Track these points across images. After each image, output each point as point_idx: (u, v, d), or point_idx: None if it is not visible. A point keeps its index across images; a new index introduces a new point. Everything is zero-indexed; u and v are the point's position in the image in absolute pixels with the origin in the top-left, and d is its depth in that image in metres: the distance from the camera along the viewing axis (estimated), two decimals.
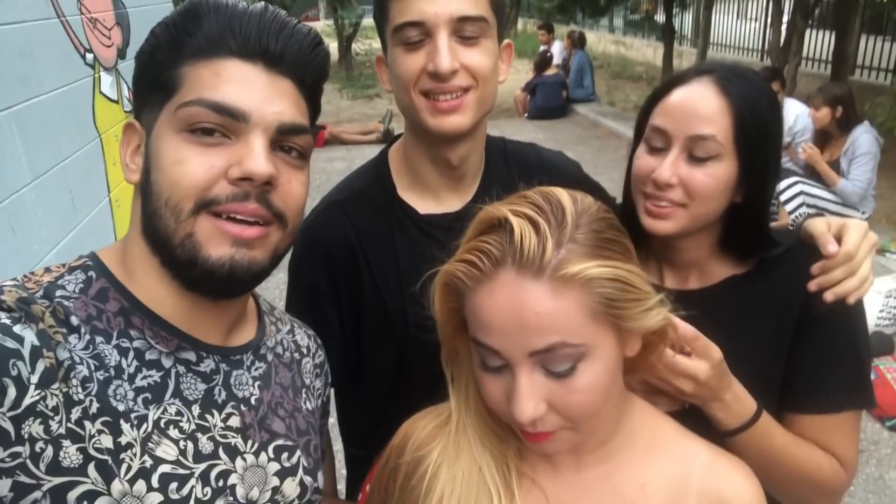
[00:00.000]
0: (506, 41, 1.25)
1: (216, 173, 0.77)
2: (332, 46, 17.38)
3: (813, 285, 1.10)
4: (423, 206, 1.28)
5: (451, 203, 1.28)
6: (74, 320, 0.75)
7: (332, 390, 1.37)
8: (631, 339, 0.84)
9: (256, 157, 0.77)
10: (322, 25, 24.63)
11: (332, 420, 1.43)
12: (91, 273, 0.81)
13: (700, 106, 1.06)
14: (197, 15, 0.80)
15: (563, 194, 0.80)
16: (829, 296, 1.08)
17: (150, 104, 0.81)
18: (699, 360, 1.00)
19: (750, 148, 1.06)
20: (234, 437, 0.85)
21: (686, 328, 0.98)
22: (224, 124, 0.77)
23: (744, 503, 0.88)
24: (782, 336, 1.13)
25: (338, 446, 1.46)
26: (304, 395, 1.00)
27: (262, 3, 0.84)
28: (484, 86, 1.16)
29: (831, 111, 4.66)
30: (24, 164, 2.34)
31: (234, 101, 0.77)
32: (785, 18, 8.82)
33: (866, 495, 2.96)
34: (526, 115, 10.88)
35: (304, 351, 1.05)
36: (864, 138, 4.57)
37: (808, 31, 8.53)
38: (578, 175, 1.42)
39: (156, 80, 0.80)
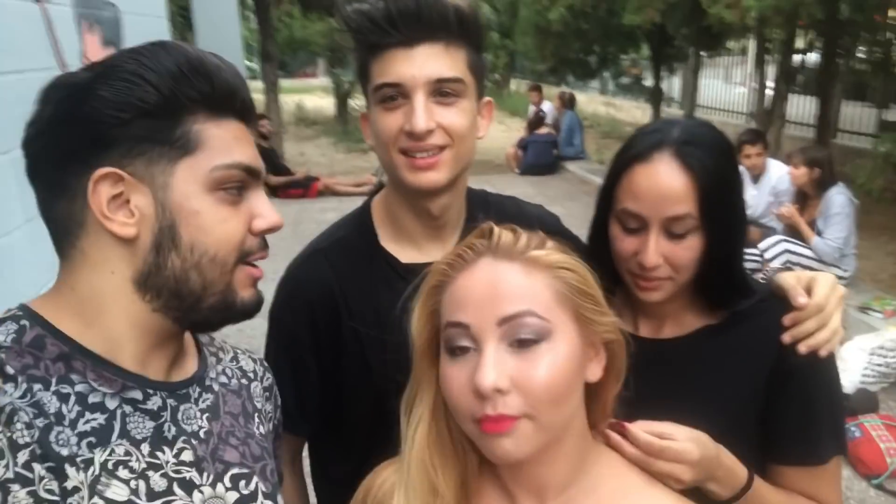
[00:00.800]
0: (486, 99, 1.29)
1: (246, 228, 0.86)
2: (330, 102, 17.80)
3: (787, 337, 1.12)
4: (405, 255, 1.30)
5: (432, 253, 1.30)
6: (9, 369, 0.74)
7: (307, 440, 1.37)
8: (593, 350, 0.88)
9: (272, 210, 0.88)
10: (320, 82, 25.20)
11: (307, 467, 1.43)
12: (24, 322, 0.79)
13: (667, 188, 1.07)
14: (202, 70, 0.81)
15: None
16: (802, 348, 1.10)
17: (147, 156, 0.79)
18: (679, 465, 0.98)
19: (718, 214, 1.09)
20: (188, 471, 0.84)
21: (651, 444, 0.95)
22: (246, 182, 0.86)
23: None
24: (755, 385, 1.15)
25: (313, 499, 1.44)
26: (255, 420, 1.00)
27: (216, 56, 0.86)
28: (460, 144, 1.20)
29: (809, 171, 4.83)
30: (18, 206, 2.37)
31: (253, 161, 0.86)
32: (769, 84, 9.12)
33: None
34: (518, 170, 11.08)
35: (252, 375, 1.05)
36: (837, 199, 4.71)
37: (791, 96, 8.80)
38: (557, 226, 1.45)
39: (159, 131, 0.79)
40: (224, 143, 0.83)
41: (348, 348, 1.28)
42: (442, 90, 1.17)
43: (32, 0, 2.61)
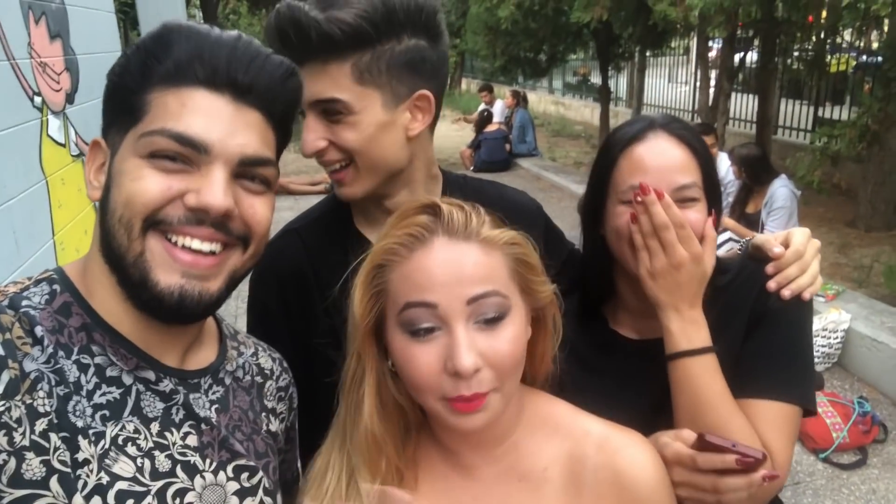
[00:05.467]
0: (420, 92, 1.18)
1: (172, 195, 0.77)
2: None
3: (772, 284, 1.15)
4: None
5: None
6: (39, 331, 0.75)
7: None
8: (530, 317, 0.93)
9: (215, 190, 0.77)
10: None
11: None
12: (56, 286, 0.81)
13: (672, 158, 1.13)
14: (168, 41, 0.80)
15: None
16: (786, 292, 1.13)
17: (116, 125, 0.81)
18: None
19: (713, 184, 1.17)
20: (192, 455, 0.84)
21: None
22: (186, 154, 0.77)
23: (639, 473, 0.90)
24: (740, 342, 1.17)
25: None
26: (264, 418, 1.00)
27: (236, 31, 0.84)
28: (364, 156, 1.17)
29: (740, 171, 5.13)
30: None
31: (196, 132, 0.77)
32: (712, 82, 9.42)
33: None
34: (472, 168, 11.16)
35: (268, 373, 1.05)
36: (780, 192, 4.93)
37: (733, 94, 9.11)
38: (538, 213, 1.47)
39: (124, 102, 0.81)
40: (165, 111, 0.78)
41: (320, 322, 1.29)
42: (327, 111, 1.14)
43: None
